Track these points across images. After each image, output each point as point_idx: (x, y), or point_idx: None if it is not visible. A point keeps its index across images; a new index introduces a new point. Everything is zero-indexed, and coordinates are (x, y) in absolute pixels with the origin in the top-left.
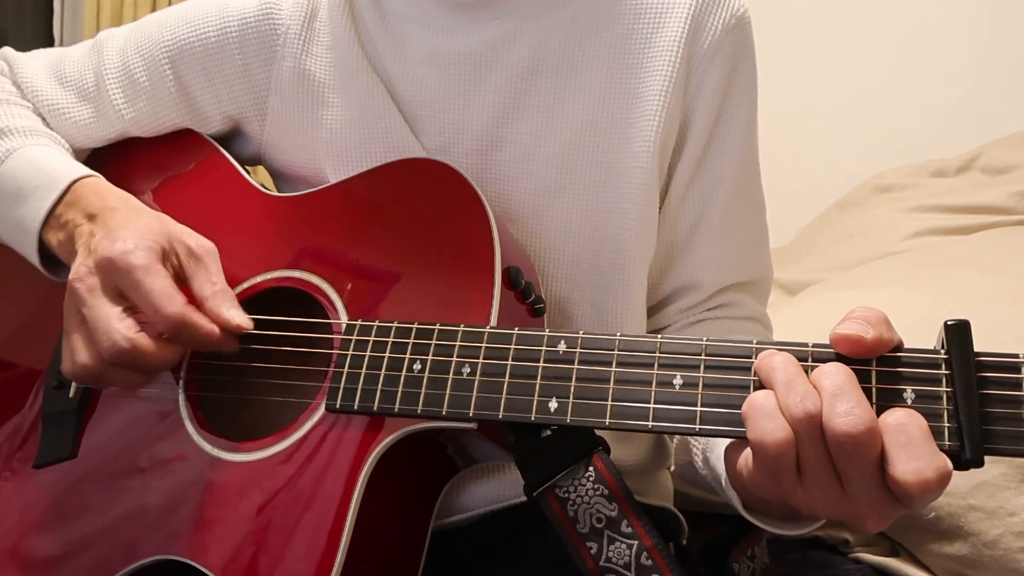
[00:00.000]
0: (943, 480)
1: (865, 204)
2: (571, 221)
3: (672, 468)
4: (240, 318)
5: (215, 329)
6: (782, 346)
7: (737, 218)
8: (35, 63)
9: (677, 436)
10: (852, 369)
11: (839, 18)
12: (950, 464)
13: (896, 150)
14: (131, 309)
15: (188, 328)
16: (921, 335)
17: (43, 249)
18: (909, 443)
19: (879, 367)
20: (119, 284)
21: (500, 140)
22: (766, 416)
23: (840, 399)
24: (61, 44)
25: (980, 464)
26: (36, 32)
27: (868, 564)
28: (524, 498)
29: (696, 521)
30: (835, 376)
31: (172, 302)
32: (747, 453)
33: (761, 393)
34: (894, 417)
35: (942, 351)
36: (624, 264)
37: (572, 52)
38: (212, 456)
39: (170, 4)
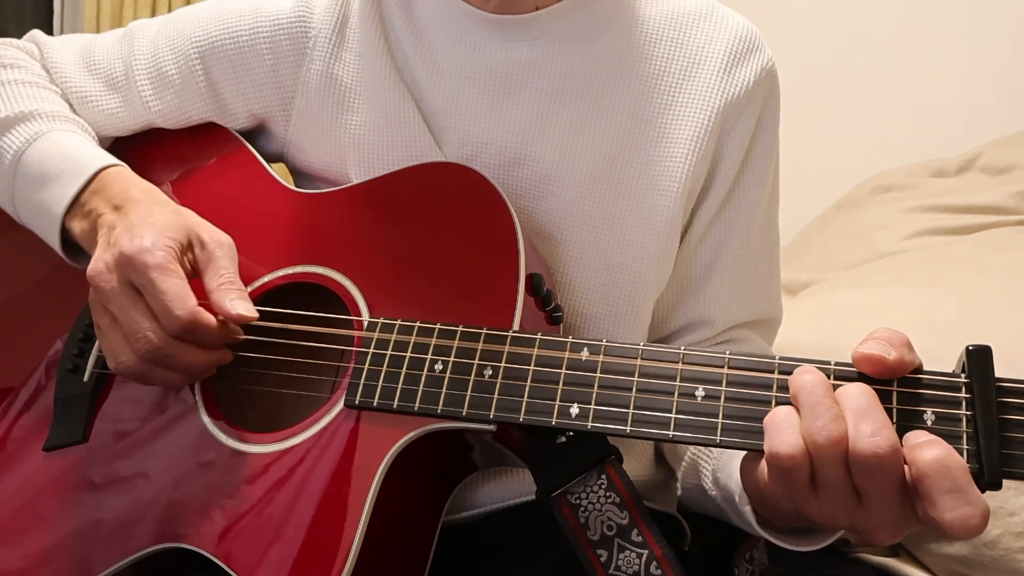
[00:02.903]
0: (986, 522)
1: (865, 204)
2: (585, 248)
3: (679, 493)
4: (243, 307)
5: (224, 329)
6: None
7: (752, 257)
8: (65, 49)
9: (685, 461)
10: (874, 389)
11: (839, 18)
12: (988, 505)
13: (896, 150)
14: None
15: (199, 329)
16: (921, 335)
17: (63, 234)
18: (955, 488)
19: (900, 388)
20: (135, 281)
21: (523, 158)
22: (781, 432)
23: (865, 420)
24: None
25: (998, 487)
26: None
27: (868, 564)
28: (532, 497)
29: (696, 522)
30: (860, 397)
31: (182, 304)
32: (763, 463)
33: (783, 409)
34: (932, 455)
35: (963, 375)
36: (638, 297)
37: (602, 82)
38: (227, 447)
39: (170, 5)
